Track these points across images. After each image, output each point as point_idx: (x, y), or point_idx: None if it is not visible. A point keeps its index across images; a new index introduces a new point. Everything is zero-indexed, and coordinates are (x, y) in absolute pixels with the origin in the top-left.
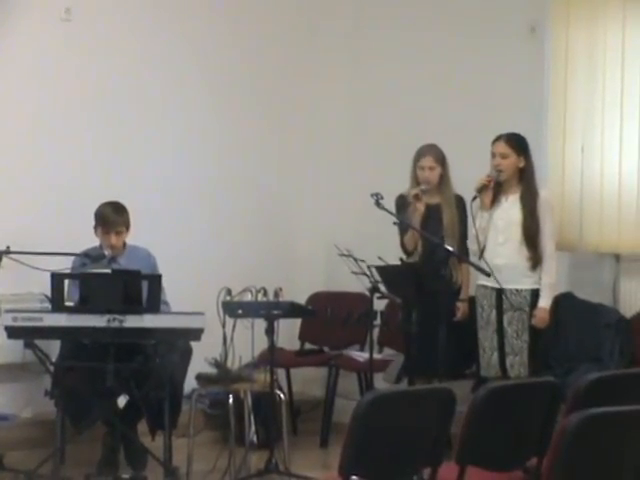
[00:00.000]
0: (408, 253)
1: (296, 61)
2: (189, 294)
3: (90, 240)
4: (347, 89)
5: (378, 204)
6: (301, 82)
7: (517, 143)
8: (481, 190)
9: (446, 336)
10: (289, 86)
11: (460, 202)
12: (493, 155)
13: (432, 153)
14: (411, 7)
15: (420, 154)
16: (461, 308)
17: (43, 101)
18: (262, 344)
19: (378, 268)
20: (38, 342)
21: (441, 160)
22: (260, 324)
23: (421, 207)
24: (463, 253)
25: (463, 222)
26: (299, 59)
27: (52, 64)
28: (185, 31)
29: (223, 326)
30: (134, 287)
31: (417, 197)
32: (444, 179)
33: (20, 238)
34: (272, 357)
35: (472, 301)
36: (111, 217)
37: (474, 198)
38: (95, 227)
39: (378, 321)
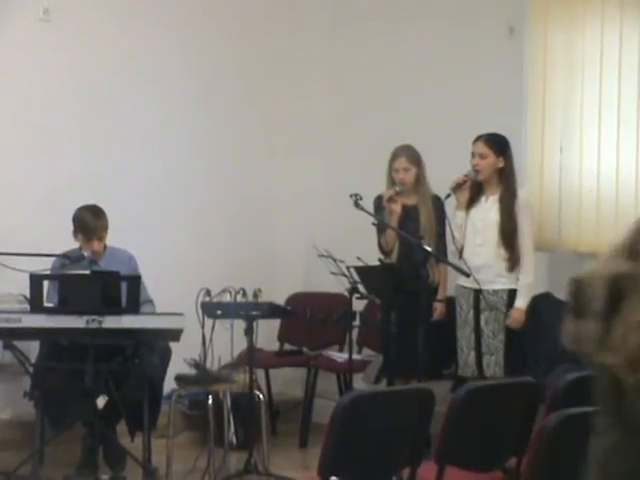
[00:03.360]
0: (386, 254)
1: (276, 62)
2: (168, 295)
3: (70, 242)
4: (327, 91)
5: (357, 205)
6: (281, 84)
7: (496, 143)
8: (455, 189)
9: (425, 336)
10: (269, 88)
11: (437, 202)
12: (473, 155)
13: (406, 154)
14: (390, 8)
15: (394, 156)
16: (438, 308)
17: (23, 102)
18: (241, 345)
19: (357, 269)
20: (17, 343)
21: (416, 161)
22: (239, 325)
23: (397, 209)
24: (441, 253)
25: (440, 222)
26: (279, 60)
27: (31, 65)
28: (166, 32)
29: (202, 327)
30: (113, 288)
31: (391, 199)
32: (420, 179)
33: None
34: (251, 358)
35: (450, 301)
36: (92, 224)
37: (447, 196)
38: (74, 232)
39: (357, 322)
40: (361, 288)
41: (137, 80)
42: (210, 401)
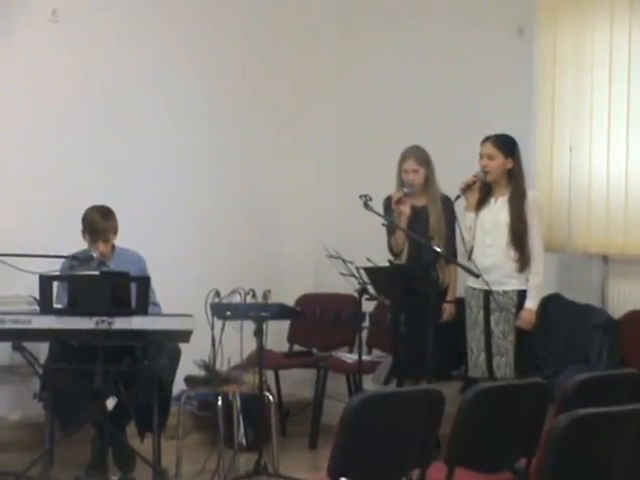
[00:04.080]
0: (395, 255)
1: (283, 63)
2: (178, 296)
3: (79, 243)
4: (335, 91)
5: (367, 205)
6: (288, 85)
7: (505, 144)
8: (465, 190)
9: (434, 337)
10: (276, 89)
11: (447, 202)
12: (481, 156)
13: (414, 156)
14: (398, 8)
15: (403, 157)
16: (447, 309)
17: (31, 103)
18: (251, 346)
19: (366, 269)
20: (26, 344)
21: (425, 162)
22: (249, 326)
23: (406, 210)
24: (450, 254)
25: (450, 223)
26: (286, 61)
27: (39, 65)
28: (175, 33)
29: (212, 328)
30: (123, 289)
31: (400, 201)
32: (429, 180)
33: (8, 240)
34: (261, 359)
35: (459, 302)
36: (99, 225)
37: (457, 197)
38: (83, 232)
39: (367, 322)
40: (370, 289)
41: (145, 81)
42: (220, 402)
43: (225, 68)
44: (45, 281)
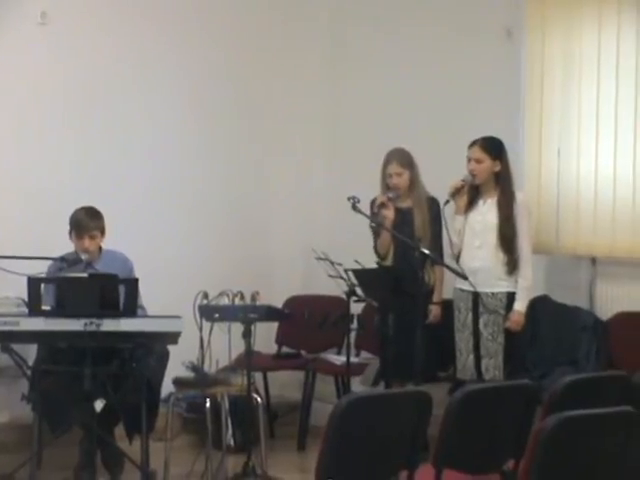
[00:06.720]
0: (381, 257)
1: (273, 64)
2: (166, 298)
3: (66, 245)
4: (323, 92)
5: (355, 207)
6: (277, 86)
7: (492, 147)
8: (454, 194)
9: (422, 339)
10: (265, 90)
11: (433, 204)
12: (468, 160)
13: (397, 159)
14: (388, 11)
15: (386, 161)
16: (433, 311)
17: (19, 105)
18: (239, 348)
19: (355, 271)
20: (15, 346)
21: (408, 164)
22: (237, 328)
23: (390, 214)
24: (437, 255)
25: (437, 223)
26: (276, 62)
27: (28, 68)
28: (162, 36)
29: (200, 330)
30: (111, 291)
31: (383, 205)
32: (414, 182)
33: None
34: (249, 361)
35: (447, 304)
36: (84, 221)
37: (446, 202)
38: (70, 232)
39: (355, 324)
40: (359, 291)
41: (132, 83)
42: (208, 404)
43: (213, 70)
44: (33, 283)
